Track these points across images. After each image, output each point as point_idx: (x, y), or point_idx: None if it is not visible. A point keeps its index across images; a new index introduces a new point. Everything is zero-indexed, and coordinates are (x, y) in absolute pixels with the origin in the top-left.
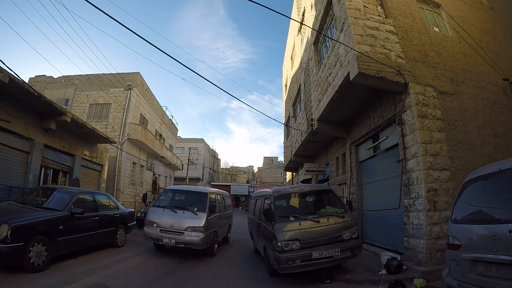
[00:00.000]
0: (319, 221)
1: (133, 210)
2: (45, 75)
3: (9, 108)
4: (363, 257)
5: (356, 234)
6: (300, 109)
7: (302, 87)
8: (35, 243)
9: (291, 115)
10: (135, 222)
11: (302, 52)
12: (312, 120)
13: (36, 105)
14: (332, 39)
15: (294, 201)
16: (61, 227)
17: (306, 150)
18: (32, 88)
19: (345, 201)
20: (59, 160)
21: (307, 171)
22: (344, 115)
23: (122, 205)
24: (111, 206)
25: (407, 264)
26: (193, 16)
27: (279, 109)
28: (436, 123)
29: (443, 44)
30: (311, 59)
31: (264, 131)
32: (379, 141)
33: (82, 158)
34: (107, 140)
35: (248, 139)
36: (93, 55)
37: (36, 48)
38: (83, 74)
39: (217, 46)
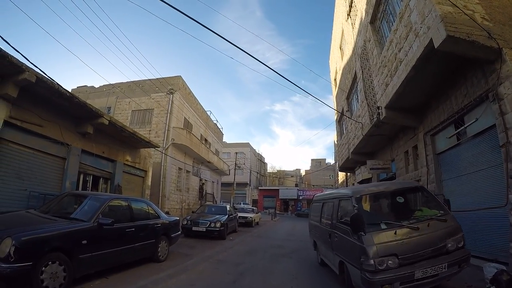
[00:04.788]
0: (418, 228)
1: (178, 218)
2: (86, 86)
3: (40, 111)
4: None
5: (462, 243)
6: (358, 101)
7: (359, 75)
8: (49, 262)
9: (345, 109)
10: (180, 232)
11: (355, 36)
12: (378, 108)
13: (70, 107)
14: None
15: (381, 203)
16: (84, 242)
17: (367, 146)
18: (63, 88)
19: (442, 199)
20: (99, 166)
21: (371, 169)
22: (417, 100)
23: (168, 212)
24: (151, 215)
25: None
26: (229, 19)
27: (324, 110)
28: None
29: None
30: (369, 41)
31: (310, 133)
32: (465, 126)
33: (124, 163)
34: (149, 144)
35: (293, 142)
36: (137, 60)
37: (75, 59)
38: (124, 82)
39: (256, 48)
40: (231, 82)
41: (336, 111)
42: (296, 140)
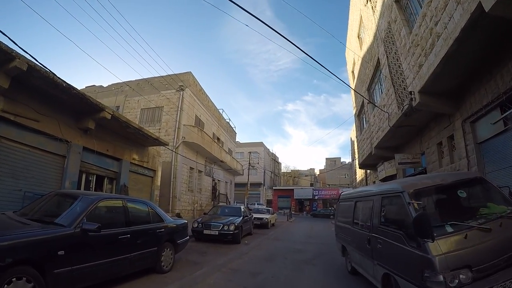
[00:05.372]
0: (490, 229)
1: (186, 221)
2: (95, 85)
3: (36, 105)
4: None
5: None
6: (382, 90)
7: (383, 61)
8: (13, 278)
9: (365, 101)
10: (188, 237)
11: (377, 20)
12: (411, 93)
13: (69, 100)
14: None
15: (440, 200)
16: (61, 252)
17: (392, 140)
18: (58, 78)
19: (507, 192)
20: (103, 164)
21: (399, 163)
22: (455, 81)
23: (179, 214)
24: (152, 218)
25: None
26: (239, 20)
27: (337, 108)
28: None
29: None
30: (395, 21)
31: (323, 132)
32: None
33: (131, 162)
34: (157, 142)
35: (306, 142)
36: (148, 56)
37: (84, 59)
38: (132, 80)
39: (267, 49)
40: (243, 82)
41: (354, 106)
42: (309, 140)
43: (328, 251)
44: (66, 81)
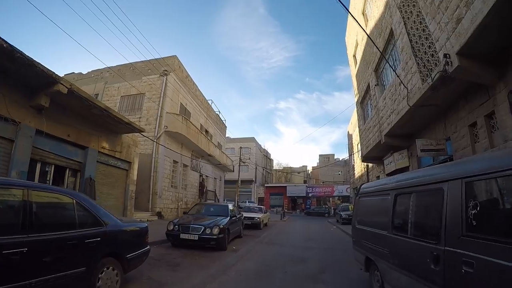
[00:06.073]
0: None
1: (145, 225)
2: (74, 73)
3: None
4: None
5: None
6: (397, 66)
7: (398, 31)
8: None
9: (372, 85)
10: (148, 248)
11: None
12: (446, 56)
13: (14, 69)
14: None
15: None
16: None
17: (409, 124)
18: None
19: None
20: (64, 153)
21: (421, 151)
22: (503, 39)
23: (161, 212)
24: (80, 219)
25: None
26: (232, 17)
27: (329, 107)
28: None
29: None
30: None
31: (314, 130)
32: None
33: (99, 152)
34: (131, 127)
35: (298, 140)
36: (135, 40)
37: (66, 43)
38: (113, 66)
39: (260, 46)
40: (235, 80)
41: (356, 93)
42: (300, 138)
43: (336, 259)
44: (9, 42)
